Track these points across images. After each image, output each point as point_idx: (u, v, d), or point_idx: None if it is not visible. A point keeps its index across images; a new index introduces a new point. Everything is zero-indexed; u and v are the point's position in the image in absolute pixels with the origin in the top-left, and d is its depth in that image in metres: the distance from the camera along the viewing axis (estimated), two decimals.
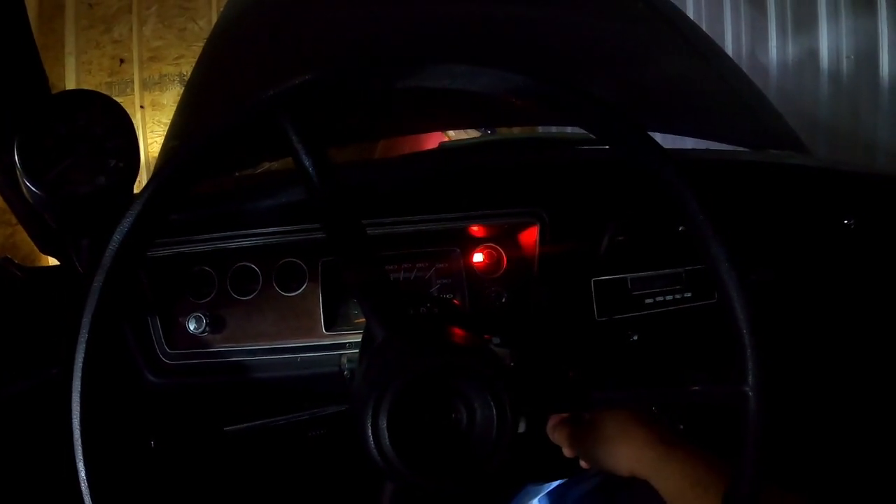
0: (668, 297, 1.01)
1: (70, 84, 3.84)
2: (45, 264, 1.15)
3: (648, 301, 1.01)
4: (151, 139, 3.90)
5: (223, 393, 0.98)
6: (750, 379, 0.58)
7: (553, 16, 1.38)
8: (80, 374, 0.55)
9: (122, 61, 3.90)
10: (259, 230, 0.92)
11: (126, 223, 0.56)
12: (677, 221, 0.96)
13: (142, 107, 3.88)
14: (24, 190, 0.77)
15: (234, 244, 0.92)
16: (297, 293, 0.95)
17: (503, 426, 0.53)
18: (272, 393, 0.96)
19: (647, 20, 1.49)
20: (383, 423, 0.52)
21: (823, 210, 1.06)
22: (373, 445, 0.52)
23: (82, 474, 0.55)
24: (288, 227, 0.92)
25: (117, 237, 0.56)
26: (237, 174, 1.11)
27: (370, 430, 0.52)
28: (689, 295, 1.01)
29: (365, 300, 0.61)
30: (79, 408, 0.55)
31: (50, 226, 0.88)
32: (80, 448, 0.55)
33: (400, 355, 0.55)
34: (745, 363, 0.58)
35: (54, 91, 0.82)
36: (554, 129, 2.36)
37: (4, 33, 0.77)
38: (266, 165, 1.20)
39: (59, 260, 0.99)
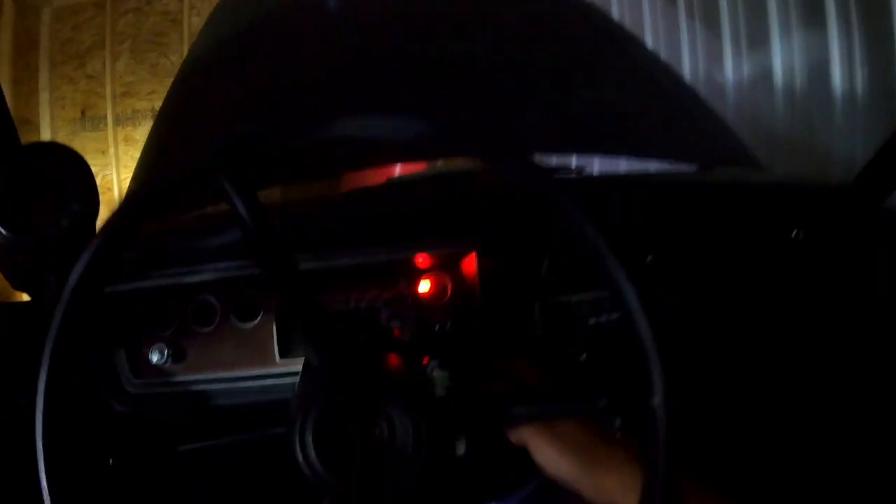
0: (613, 316, 1.04)
1: (44, 119, 3.82)
2: (18, 300, 1.20)
3: (592, 321, 1.02)
4: (125, 174, 3.88)
5: (186, 419, 1.02)
6: (656, 394, 0.61)
7: (490, 43, 1.40)
8: (42, 397, 0.61)
9: (82, 113, 3.90)
10: (214, 265, 0.96)
11: (81, 263, 0.63)
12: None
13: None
14: None
15: (190, 279, 0.97)
16: (252, 324, 1.00)
17: (419, 442, 0.60)
18: (231, 418, 1.00)
19: (587, 41, 1.51)
20: (309, 438, 0.58)
21: (770, 223, 1.07)
22: (301, 459, 0.59)
23: (46, 494, 0.61)
24: (242, 262, 0.96)
25: (74, 276, 0.63)
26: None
27: (298, 446, 0.58)
28: None
29: (301, 330, 0.67)
30: (42, 428, 0.61)
31: (20, 264, 0.94)
32: (43, 466, 0.60)
33: (328, 378, 0.61)
34: (650, 378, 0.61)
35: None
36: None
37: None
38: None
39: (30, 296, 1.03)
